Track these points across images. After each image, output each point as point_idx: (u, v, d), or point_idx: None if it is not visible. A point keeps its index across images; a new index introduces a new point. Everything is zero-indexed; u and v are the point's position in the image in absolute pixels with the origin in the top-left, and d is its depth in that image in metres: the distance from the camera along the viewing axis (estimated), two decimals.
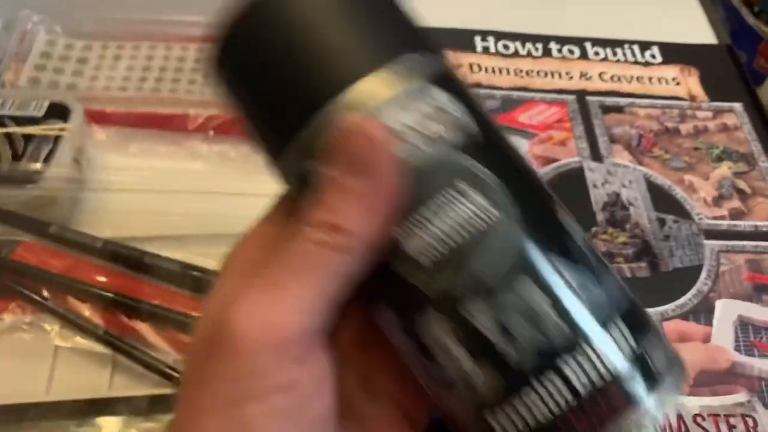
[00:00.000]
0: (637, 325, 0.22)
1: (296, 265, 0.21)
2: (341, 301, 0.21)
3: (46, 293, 0.42)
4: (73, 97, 0.53)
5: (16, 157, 0.49)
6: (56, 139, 0.50)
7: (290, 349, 0.20)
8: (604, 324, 0.21)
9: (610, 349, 0.21)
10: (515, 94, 0.54)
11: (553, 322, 0.20)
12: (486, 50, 0.57)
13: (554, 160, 0.50)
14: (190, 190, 0.49)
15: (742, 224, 0.48)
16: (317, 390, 0.21)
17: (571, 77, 0.56)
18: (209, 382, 0.20)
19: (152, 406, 0.40)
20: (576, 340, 0.20)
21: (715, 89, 0.56)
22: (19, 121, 0.51)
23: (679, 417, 0.39)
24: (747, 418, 0.39)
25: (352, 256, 0.21)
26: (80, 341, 0.41)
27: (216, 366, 0.20)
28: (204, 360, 0.21)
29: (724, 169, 0.51)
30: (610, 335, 0.21)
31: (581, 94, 0.54)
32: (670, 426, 0.38)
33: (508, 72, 0.55)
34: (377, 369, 0.24)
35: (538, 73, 0.56)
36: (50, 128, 0.51)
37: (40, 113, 0.52)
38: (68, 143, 0.50)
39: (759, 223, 0.48)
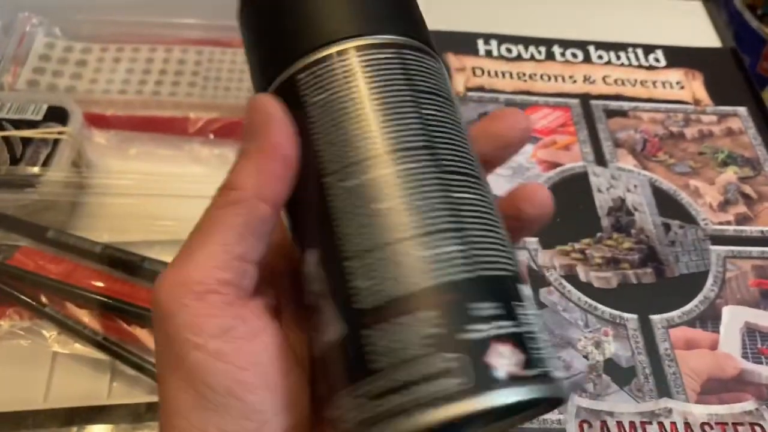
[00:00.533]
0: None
1: (200, 229, 0.23)
2: (257, 253, 0.23)
3: (44, 299, 0.42)
4: (72, 100, 0.52)
5: (14, 160, 0.48)
6: (55, 143, 0.49)
7: (211, 300, 0.22)
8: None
9: None
10: (518, 98, 0.53)
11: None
12: (489, 54, 0.56)
13: (558, 165, 0.49)
14: (190, 195, 0.49)
15: (749, 229, 0.47)
16: (252, 332, 0.23)
17: (575, 81, 0.55)
18: (160, 346, 0.23)
19: (151, 413, 0.39)
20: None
21: (719, 93, 0.55)
22: (18, 124, 0.51)
23: (687, 425, 0.38)
24: (755, 427, 0.39)
25: (246, 209, 0.22)
26: (78, 347, 0.41)
27: (159, 331, 0.22)
28: (155, 330, 0.23)
29: (730, 173, 0.50)
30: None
31: (585, 98, 0.54)
32: None
33: (511, 76, 0.55)
34: None
35: (541, 76, 0.55)
36: (49, 132, 0.50)
37: (39, 116, 0.51)
38: (67, 147, 0.49)
39: (765, 229, 0.47)
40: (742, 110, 0.54)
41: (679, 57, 0.58)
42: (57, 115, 0.52)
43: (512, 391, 0.19)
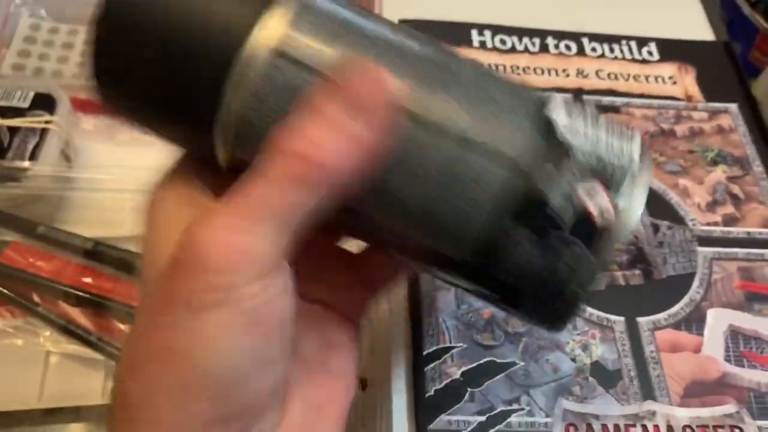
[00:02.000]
0: None
1: (263, 186, 0.21)
2: (306, 227, 0.22)
3: (36, 298, 0.42)
4: (59, 86, 0.52)
5: (1, 150, 0.48)
6: (42, 132, 0.49)
7: (253, 269, 0.21)
8: None
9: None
10: None
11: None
12: (483, 45, 0.56)
13: None
14: None
15: (735, 231, 0.48)
16: (277, 304, 0.22)
17: (568, 75, 0.55)
18: (177, 292, 0.21)
19: None
20: None
21: (711, 89, 0.55)
22: (4, 112, 0.50)
23: (669, 428, 0.39)
24: (735, 429, 0.40)
25: (322, 192, 0.21)
26: (72, 347, 0.41)
27: (184, 281, 0.21)
28: (170, 278, 0.21)
29: (719, 173, 0.51)
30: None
31: (578, 93, 0.54)
32: None
33: (504, 69, 0.55)
34: (315, 274, 0.27)
35: (534, 70, 0.55)
36: (36, 120, 0.50)
37: (26, 104, 0.51)
38: (55, 137, 0.49)
39: (752, 230, 0.48)
40: (732, 107, 0.55)
41: (672, 50, 0.58)
42: (44, 102, 0.51)
43: None
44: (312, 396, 0.26)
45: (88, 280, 0.43)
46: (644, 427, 0.39)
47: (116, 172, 0.49)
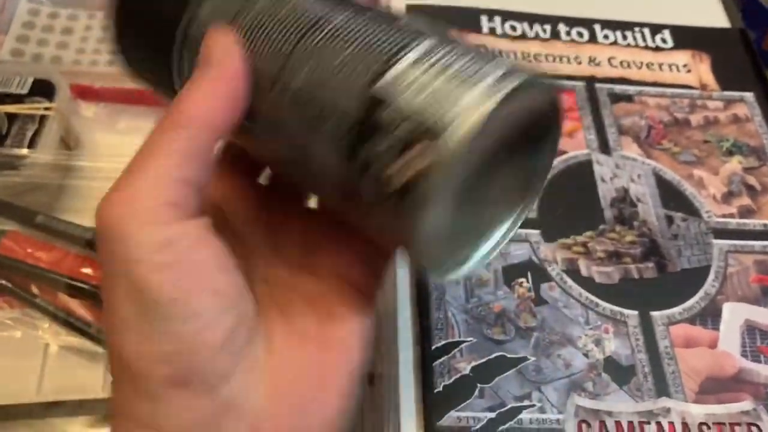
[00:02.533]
0: None
1: (145, 151, 0.24)
2: (201, 178, 0.24)
3: (35, 289, 0.41)
4: (59, 72, 0.50)
5: (0, 138, 0.47)
6: (41, 119, 0.48)
7: (153, 216, 0.22)
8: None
9: None
10: None
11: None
12: (492, 31, 0.55)
13: (563, 153, 0.48)
14: None
15: (751, 223, 0.47)
16: (194, 244, 0.23)
17: (580, 62, 0.54)
18: (106, 275, 0.23)
19: None
20: None
21: (726, 77, 0.54)
22: (2, 98, 0.49)
23: (685, 425, 0.38)
24: (752, 427, 0.39)
25: (193, 135, 0.23)
26: (71, 339, 0.40)
27: (103, 259, 0.23)
28: (101, 261, 0.23)
29: (735, 163, 0.49)
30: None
31: (590, 81, 0.53)
32: None
33: (515, 56, 0.53)
34: (316, 245, 0.29)
35: (546, 57, 0.54)
36: (35, 107, 0.49)
37: (24, 90, 0.49)
38: (54, 124, 0.48)
39: None
40: (748, 96, 0.53)
41: (686, 37, 0.56)
42: (43, 88, 0.50)
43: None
44: (308, 367, 0.27)
45: (87, 270, 0.42)
46: (659, 424, 0.38)
47: (117, 160, 0.48)
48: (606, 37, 0.56)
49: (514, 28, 0.55)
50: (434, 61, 0.23)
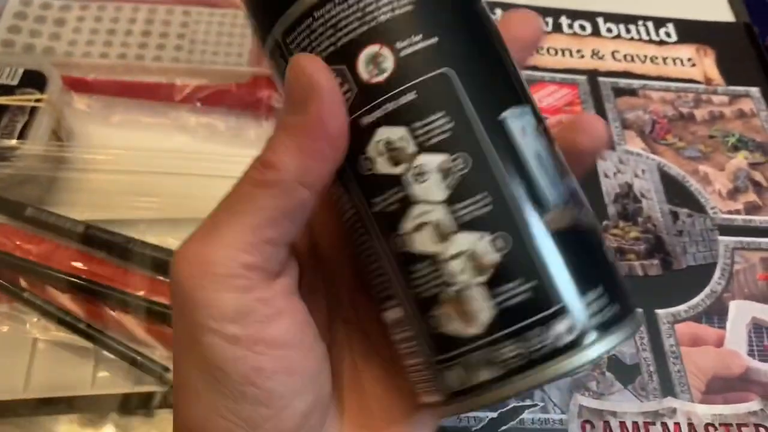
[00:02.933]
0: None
1: (230, 205, 0.21)
2: (289, 236, 0.22)
3: (23, 283, 0.40)
4: (51, 63, 0.49)
5: None
6: (32, 111, 0.46)
7: (233, 282, 0.21)
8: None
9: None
10: (525, 73, 0.50)
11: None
12: None
13: None
14: (177, 172, 0.46)
15: (758, 219, 0.46)
16: (273, 314, 0.21)
17: (582, 56, 0.53)
18: (176, 320, 0.22)
19: (138, 403, 0.38)
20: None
21: (731, 71, 0.53)
22: None
23: (691, 426, 0.37)
24: (759, 428, 0.38)
25: (284, 193, 0.21)
26: (60, 334, 0.39)
27: (176, 307, 0.21)
28: (173, 304, 0.22)
29: (740, 159, 0.48)
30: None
31: (593, 75, 0.52)
32: None
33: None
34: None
35: (548, 50, 0.53)
36: (25, 98, 0.47)
37: (14, 81, 0.48)
38: (45, 116, 0.46)
39: None
40: (754, 91, 0.52)
41: (690, 31, 0.55)
42: (34, 79, 0.48)
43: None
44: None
45: (78, 264, 0.41)
46: (664, 424, 0.37)
47: (110, 152, 0.47)
48: (609, 30, 0.55)
49: None
50: None
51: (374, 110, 0.21)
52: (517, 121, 0.22)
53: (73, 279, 0.40)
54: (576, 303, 0.21)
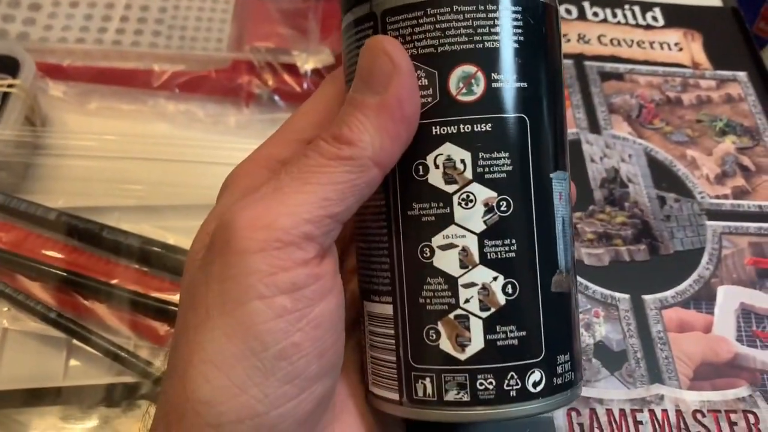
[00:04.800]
0: None
1: (301, 174, 0.21)
2: (350, 214, 0.22)
3: None
4: (24, 48, 0.48)
5: None
6: (4, 97, 0.45)
7: (293, 252, 0.20)
8: None
9: None
10: None
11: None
12: None
13: None
14: (153, 158, 0.45)
15: (746, 204, 0.45)
16: (322, 292, 0.21)
17: (569, 40, 0.52)
18: (215, 281, 0.20)
19: (111, 395, 0.37)
20: None
21: (719, 56, 0.52)
22: None
23: (678, 413, 0.36)
24: (748, 414, 0.37)
25: (359, 171, 0.21)
26: (31, 324, 0.38)
27: (222, 266, 0.20)
28: (209, 262, 0.21)
29: (728, 143, 0.48)
30: None
31: (579, 59, 0.51)
32: (669, 423, 0.36)
33: None
34: None
35: None
36: None
37: None
38: (18, 102, 0.45)
39: (763, 203, 0.45)
40: (742, 75, 0.52)
41: (677, 16, 0.55)
42: (7, 65, 0.47)
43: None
44: None
45: (51, 253, 0.40)
46: (652, 411, 0.36)
47: (86, 137, 0.46)
48: (595, 14, 0.54)
49: None
50: None
51: (448, 125, 0.22)
52: (558, 184, 0.23)
53: (43, 267, 0.39)
54: (552, 361, 0.23)
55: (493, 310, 0.22)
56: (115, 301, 0.38)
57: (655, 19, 0.54)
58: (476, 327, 0.22)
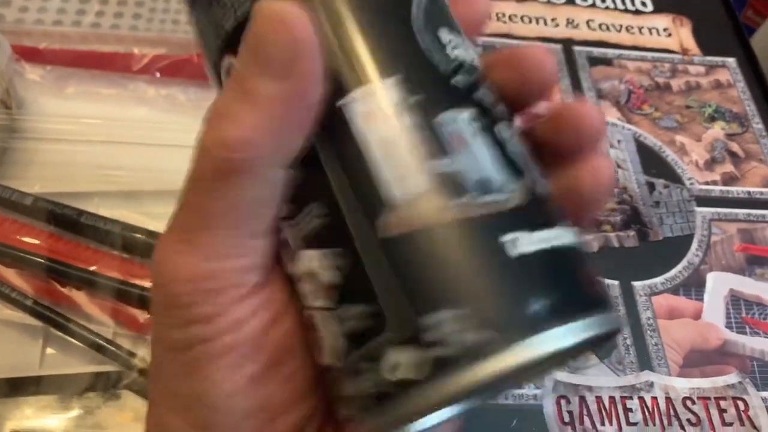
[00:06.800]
0: None
1: (199, 205, 0.17)
2: (269, 220, 0.18)
3: None
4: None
5: None
6: None
7: (230, 294, 0.18)
8: None
9: None
10: (498, 41, 0.49)
11: None
12: None
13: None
14: (134, 142, 0.44)
15: (735, 190, 0.45)
16: (273, 317, 0.19)
17: (557, 24, 0.51)
18: (161, 333, 0.19)
19: (88, 384, 0.36)
20: None
21: (708, 42, 0.52)
22: None
23: (668, 400, 0.36)
24: (738, 401, 0.37)
25: (259, 180, 0.17)
26: (6, 312, 0.36)
27: (161, 318, 0.19)
28: (157, 320, 0.19)
29: (717, 129, 0.47)
30: None
31: (568, 44, 0.50)
32: (659, 410, 0.36)
33: (489, 16, 0.51)
34: None
35: (522, 18, 0.51)
36: None
37: None
38: None
39: (752, 189, 0.45)
40: (731, 61, 0.51)
41: (666, 1, 0.54)
42: None
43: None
44: None
45: (27, 239, 0.39)
46: (641, 399, 0.36)
47: (63, 120, 0.45)
48: None
49: None
50: None
51: None
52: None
53: (19, 253, 0.38)
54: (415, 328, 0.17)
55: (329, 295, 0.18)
56: (94, 288, 0.37)
57: (644, 4, 0.54)
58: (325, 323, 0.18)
